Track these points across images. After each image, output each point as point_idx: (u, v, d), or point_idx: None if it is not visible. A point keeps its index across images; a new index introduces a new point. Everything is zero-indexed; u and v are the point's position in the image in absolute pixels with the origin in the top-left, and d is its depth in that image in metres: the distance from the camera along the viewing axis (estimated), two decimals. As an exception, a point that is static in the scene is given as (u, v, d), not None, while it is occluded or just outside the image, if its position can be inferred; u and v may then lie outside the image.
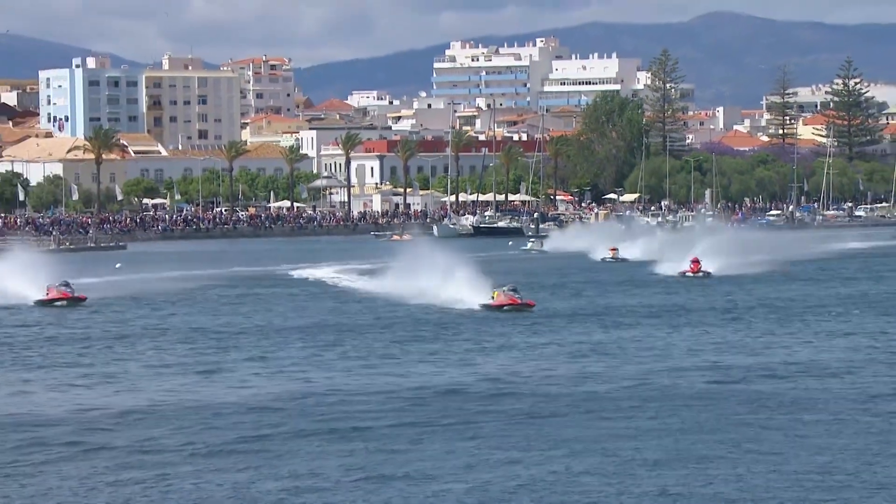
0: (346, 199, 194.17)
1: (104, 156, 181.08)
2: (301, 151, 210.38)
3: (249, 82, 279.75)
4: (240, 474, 28.85)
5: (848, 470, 28.27)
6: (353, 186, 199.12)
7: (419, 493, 26.93)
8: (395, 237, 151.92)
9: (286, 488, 27.58)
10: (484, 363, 45.20)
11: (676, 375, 41.71)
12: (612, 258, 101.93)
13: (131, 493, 27.39)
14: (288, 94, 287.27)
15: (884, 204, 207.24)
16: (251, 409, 36.79)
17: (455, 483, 27.61)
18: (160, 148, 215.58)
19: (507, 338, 52.32)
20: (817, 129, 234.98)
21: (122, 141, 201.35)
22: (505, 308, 60.60)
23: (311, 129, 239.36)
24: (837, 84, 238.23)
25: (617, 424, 33.66)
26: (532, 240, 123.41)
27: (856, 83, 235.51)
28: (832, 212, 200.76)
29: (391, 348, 49.59)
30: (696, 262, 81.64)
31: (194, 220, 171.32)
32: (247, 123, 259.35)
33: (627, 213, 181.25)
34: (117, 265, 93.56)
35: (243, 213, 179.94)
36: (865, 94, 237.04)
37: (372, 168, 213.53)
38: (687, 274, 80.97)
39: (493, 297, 61.58)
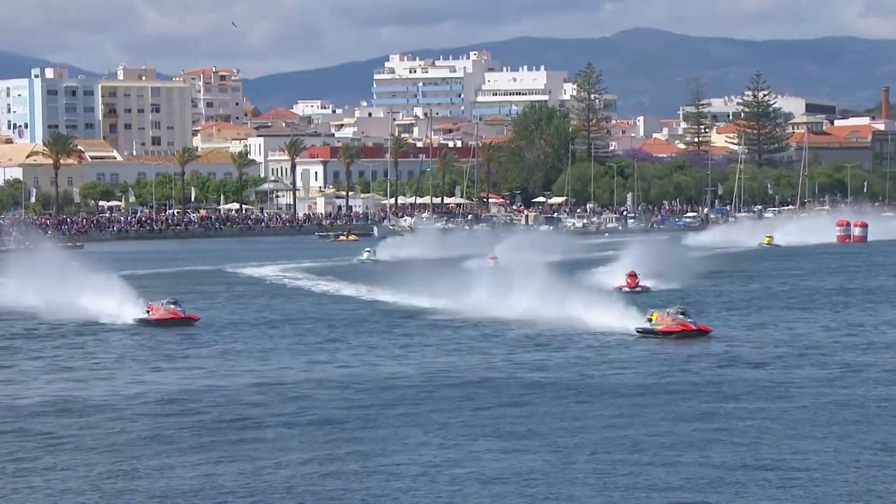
0: (292, 202, 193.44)
1: (62, 161, 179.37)
2: (249, 157, 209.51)
3: (200, 92, 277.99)
4: (205, 462, 28.51)
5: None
6: (299, 190, 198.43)
7: (378, 478, 26.82)
8: (342, 237, 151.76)
9: (251, 473, 27.29)
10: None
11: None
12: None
13: (97, 481, 27.01)
14: (237, 104, 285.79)
15: (790, 207, 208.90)
16: (217, 398, 36.42)
17: (410, 467, 27.53)
18: (115, 153, 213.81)
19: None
20: (730, 138, 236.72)
21: (79, 147, 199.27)
22: (673, 335, 48.22)
23: (258, 136, 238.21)
24: (748, 96, 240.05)
25: (554, 410, 33.66)
26: (367, 250, 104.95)
27: (764, 95, 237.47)
28: (743, 213, 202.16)
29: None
30: (632, 276, 69.26)
31: (148, 221, 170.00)
32: (198, 131, 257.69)
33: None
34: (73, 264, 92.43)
35: (195, 214, 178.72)
36: (773, 106, 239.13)
37: (316, 172, 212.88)
38: (624, 289, 67.02)
39: (651, 320, 49.66)
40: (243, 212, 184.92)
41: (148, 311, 55.40)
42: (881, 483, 26.18)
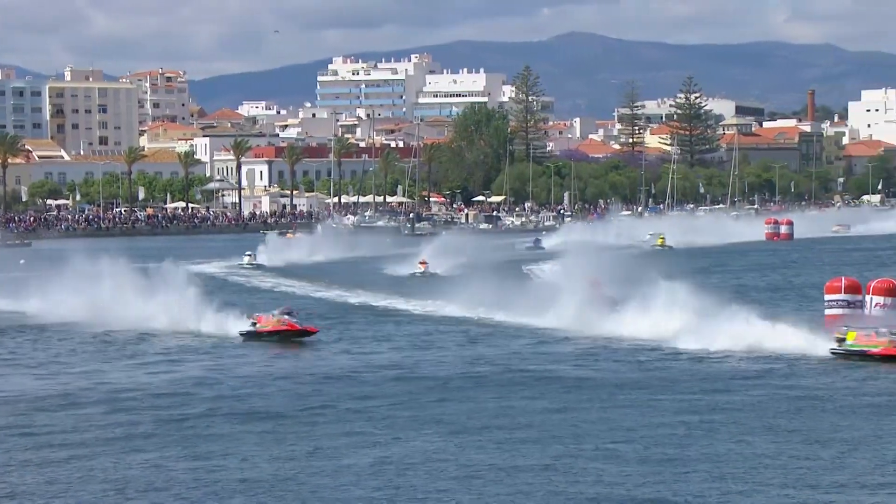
0: (238, 201, 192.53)
1: (10, 160, 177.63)
2: (195, 157, 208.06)
3: (147, 93, 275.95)
4: (155, 454, 28.35)
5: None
6: (244, 189, 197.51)
7: (325, 471, 26.71)
8: (289, 235, 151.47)
9: (201, 467, 27.16)
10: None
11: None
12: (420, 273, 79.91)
13: (52, 473, 26.74)
14: (183, 104, 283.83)
15: (720, 206, 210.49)
16: (167, 393, 36.19)
17: (358, 459, 27.44)
18: (63, 153, 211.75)
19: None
20: (663, 139, 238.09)
21: (26, 146, 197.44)
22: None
23: (204, 136, 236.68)
24: (680, 98, 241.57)
25: (492, 405, 33.71)
26: (248, 253, 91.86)
27: (696, 97, 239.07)
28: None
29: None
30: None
31: (95, 219, 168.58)
32: (144, 131, 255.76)
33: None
34: (21, 261, 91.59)
35: (141, 213, 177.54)
36: (704, 108, 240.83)
37: (261, 172, 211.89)
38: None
39: (843, 338, 41.01)
40: (189, 210, 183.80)
41: (255, 324, 48.13)
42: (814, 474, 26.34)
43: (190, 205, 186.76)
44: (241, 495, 24.94)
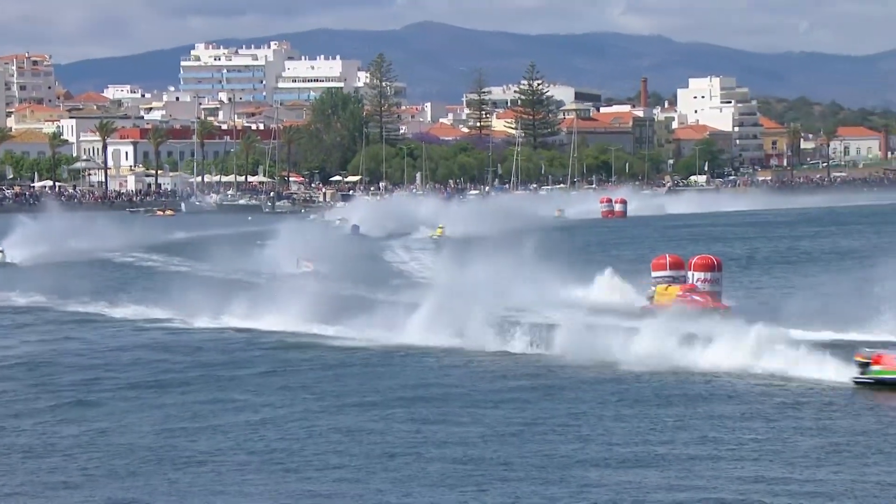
0: (104, 180, 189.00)
1: None
2: (62, 138, 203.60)
3: (14, 76, 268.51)
4: (42, 422, 27.92)
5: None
6: (110, 168, 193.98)
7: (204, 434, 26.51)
8: (159, 212, 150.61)
9: (89, 433, 26.79)
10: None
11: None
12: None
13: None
14: (49, 87, 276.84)
15: (561, 185, 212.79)
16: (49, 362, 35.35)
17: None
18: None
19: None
20: (508, 123, 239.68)
21: None
22: None
23: (70, 118, 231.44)
24: (524, 85, 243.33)
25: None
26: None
27: (538, 84, 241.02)
28: (520, 191, 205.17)
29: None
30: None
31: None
32: (12, 112, 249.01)
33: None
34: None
35: (9, 191, 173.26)
36: (546, 94, 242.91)
37: (126, 152, 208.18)
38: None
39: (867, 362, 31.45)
40: (56, 189, 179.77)
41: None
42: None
43: (57, 183, 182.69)
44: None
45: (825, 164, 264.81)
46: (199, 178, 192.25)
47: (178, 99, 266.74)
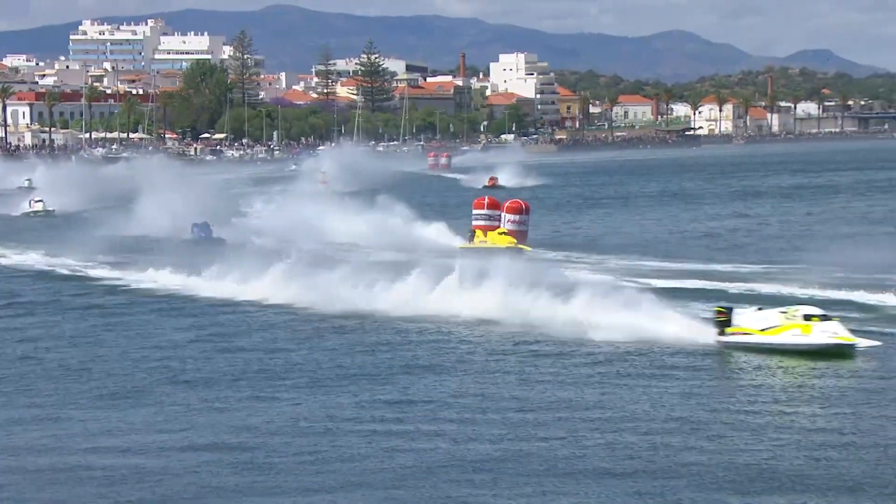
0: (3, 135, 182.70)
1: None
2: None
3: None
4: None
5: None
6: (9, 126, 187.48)
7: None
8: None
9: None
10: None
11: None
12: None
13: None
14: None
15: (395, 142, 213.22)
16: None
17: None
18: None
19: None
20: (350, 90, 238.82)
21: None
22: None
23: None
24: (363, 58, 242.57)
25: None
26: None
27: (375, 58, 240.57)
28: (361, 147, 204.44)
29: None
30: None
31: None
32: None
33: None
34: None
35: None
36: (382, 66, 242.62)
37: (24, 112, 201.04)
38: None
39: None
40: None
41: None
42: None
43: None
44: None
45: (609, 125, 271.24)
46: (88, 135, 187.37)
47: (68, 67, 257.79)
